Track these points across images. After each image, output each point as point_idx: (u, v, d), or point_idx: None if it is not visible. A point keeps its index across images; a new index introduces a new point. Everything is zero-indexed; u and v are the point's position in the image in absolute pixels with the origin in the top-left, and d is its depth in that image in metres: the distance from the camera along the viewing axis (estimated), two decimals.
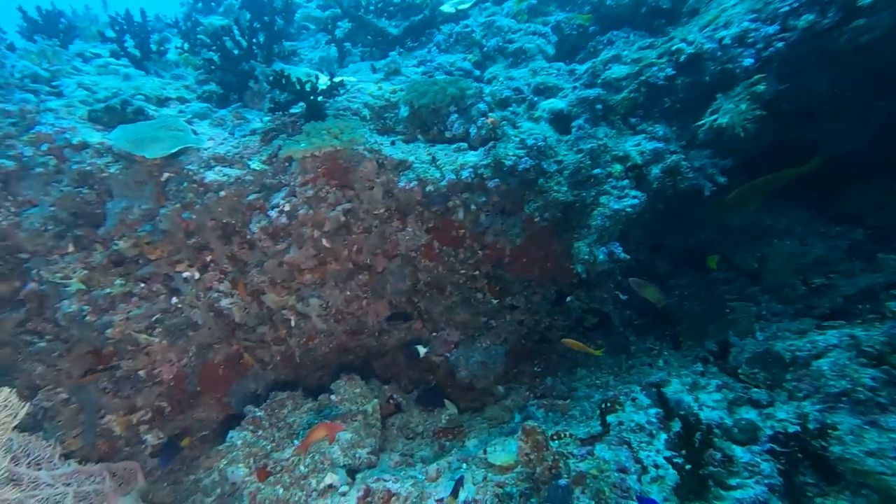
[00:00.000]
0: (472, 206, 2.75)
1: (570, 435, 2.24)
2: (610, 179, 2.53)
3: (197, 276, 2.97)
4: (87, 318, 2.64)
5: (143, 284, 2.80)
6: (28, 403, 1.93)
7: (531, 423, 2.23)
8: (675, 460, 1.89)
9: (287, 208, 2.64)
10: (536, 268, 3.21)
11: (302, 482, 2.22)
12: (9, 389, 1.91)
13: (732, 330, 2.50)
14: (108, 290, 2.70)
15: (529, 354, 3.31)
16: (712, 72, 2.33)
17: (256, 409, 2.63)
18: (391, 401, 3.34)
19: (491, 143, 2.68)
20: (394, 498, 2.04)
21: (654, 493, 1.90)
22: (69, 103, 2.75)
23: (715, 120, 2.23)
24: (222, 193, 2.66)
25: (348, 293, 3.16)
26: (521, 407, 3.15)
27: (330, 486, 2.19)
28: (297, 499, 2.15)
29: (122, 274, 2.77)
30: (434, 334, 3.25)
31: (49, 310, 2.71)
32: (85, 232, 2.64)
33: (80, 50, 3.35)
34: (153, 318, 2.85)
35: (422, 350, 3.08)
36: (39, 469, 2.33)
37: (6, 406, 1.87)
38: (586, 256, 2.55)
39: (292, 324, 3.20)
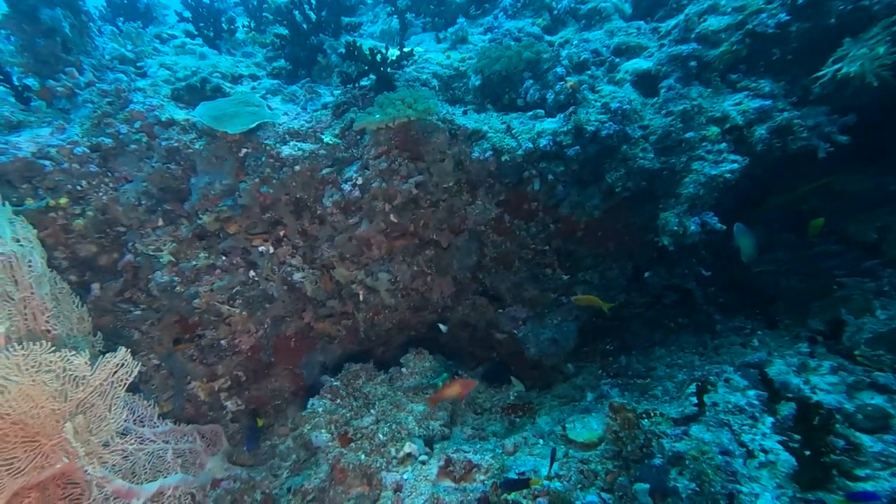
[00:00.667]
0: (549, 177, 2.62)
1: (661, 414, 2.12)
2: (704, 143, 2.32)
3: (271, 250, 3.06)
4: (178, 288, 2.78)
5: (224, 257, 2.92)
6: (138, 364, 2.08)
7: (619, 401, 2.13)
8: (790, 445, 1.74)
9: (360, 182, 2.63)
10: (612, 242, 3.05)
11: (382, 449, 2.25)
12: (125, 349, 2.05)
13: (845, 308, 2.25)
14: (193, 263, 2.83)
15: (602, 332, 3.18)
16: (840, 12, 2.03)
17: (333, 379, 2.69)
18: (456, 377, 3.33)
19: (570, 109, 2.53)
20: (475, 469, 2.02)
21: (763, 478, 1.76)
22: (154, 83, 2.86)
23: (839, 69, 1.95)
24: (297, 168, 2.70)
25: (415, 268, 3.15)
26: (593, 385, 3.04)
27: (409, 454, 2.20)
28: (378, 465, 2.19)
29: (205, 247, 2.89)
30: (500, 311, 3.19)
31: (142, 280, 2.88)
32: (172, 206, 2.77)
33: (158, 31, 3.48)
34: (234, 290, 2.97)
35: (443, 328, 3.19)
36: (143, 426, 2.51)
37: (124, 364, 2.00)
38: (675, 228, 2.37)
39: (360, 298, 3.24)
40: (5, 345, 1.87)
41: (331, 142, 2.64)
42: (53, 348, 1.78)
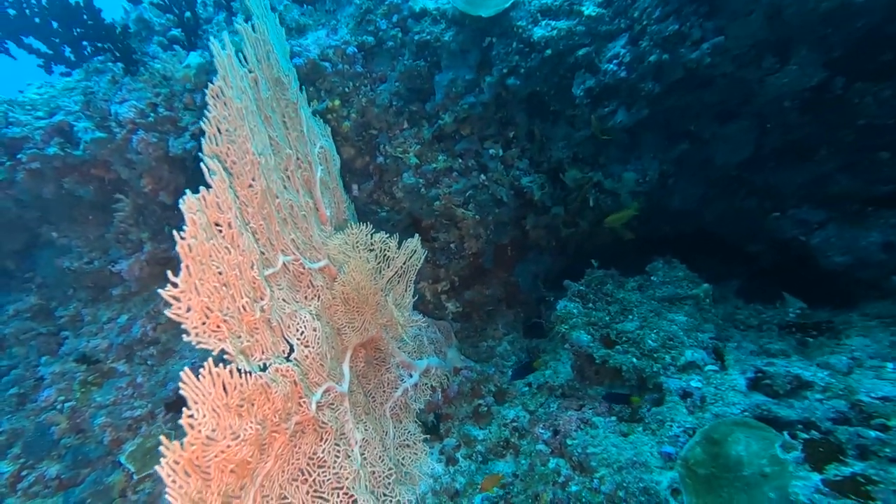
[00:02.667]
0: None
1: None
2: None
3: (500, 152, 2.97)
4: (422, 190, 2.91)
5: (460, 160, 2.94)
6: (425, 251, 2.25)
7: None
8: None
9: (627, 59, 2.27)
10: None
11: (655, 355, 2.11)
12: (418, 237, 2.21)
13: None
14: (433, 165, 2.91)
15: None
16: None
17: (577, 284, 2.60)
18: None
19: None
20: (805, 386, 1.74)
21: None
22: None
23: None
24: (548, 53, 2.44)
25: (664, 166, 2.75)
26: None
27: (691, 363, 2.02)
28: (654, 369, 2.06)
29: (443, 150, 2.94)
30: (775, 214, 2.64)
31: (386, 183, 3.09)
32: (416, 108, 2.82)
33: None
34: (467, 194, 3.01)
35: None
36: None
37: (415, 251, 2.18)
38: None
39: (591, 204, 3.02)
40: (327, 223, 2.15)
41: (593, 13, 2.29)
42: (373, 230, 1.99)
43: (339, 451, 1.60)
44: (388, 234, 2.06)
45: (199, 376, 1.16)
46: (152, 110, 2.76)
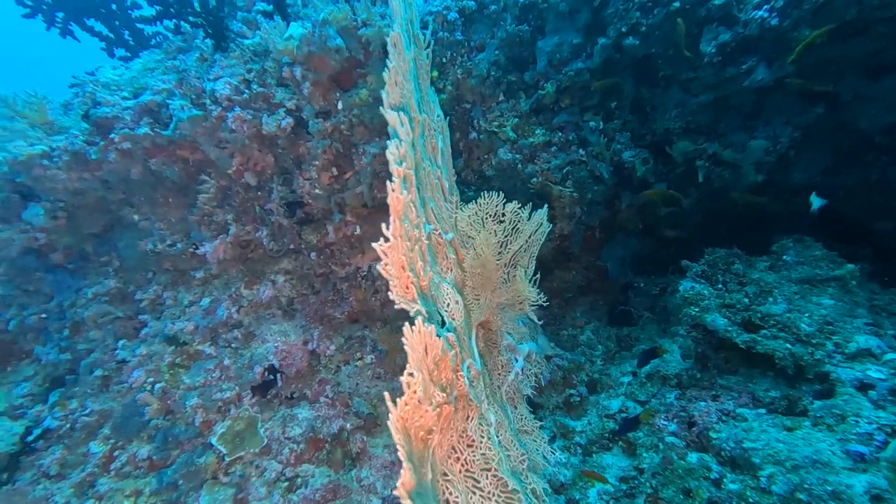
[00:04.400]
0: None
1: None
2: None
3: (601, 125, 2.78)
4: (519, 166, 2.75)
5: (559, 133, 2.76)
6: (551, 226, 2.10)
7: None
8: None
9: (780, 4, 2.03)
10: None
11: (813, 342, 1.88)
12: (546, 207, 2.07)
13: None
14: (531, 140, 2.74)
15: None
16: None
17: (697, 264, 2.38)
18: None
19: None
20: None
21: None
22: None
23: None
24: (675, 6, 2.23)
25: (795, 134, 2.49)
26: None
27: (864, 350, 1.78)
28: (815, 357, 1.83)
29: (541, 123, 2.77)
30: None
31: (475, 160, 2.95)
32: (515, 78, 2.67)
33: None
34: (564, 170, 2.83)
35: (817, 202, 2.30)
36: None
37: (541, 224, 2.03)
38: None
39: (700, 178, 2.78)
40: (448, 190, 2.02)
41: None
42: (505, 200, 1.85)
43: (482, 431, 1.46)
44: (519, 205, 1.91)
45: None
46: (246, 87, 2.70)
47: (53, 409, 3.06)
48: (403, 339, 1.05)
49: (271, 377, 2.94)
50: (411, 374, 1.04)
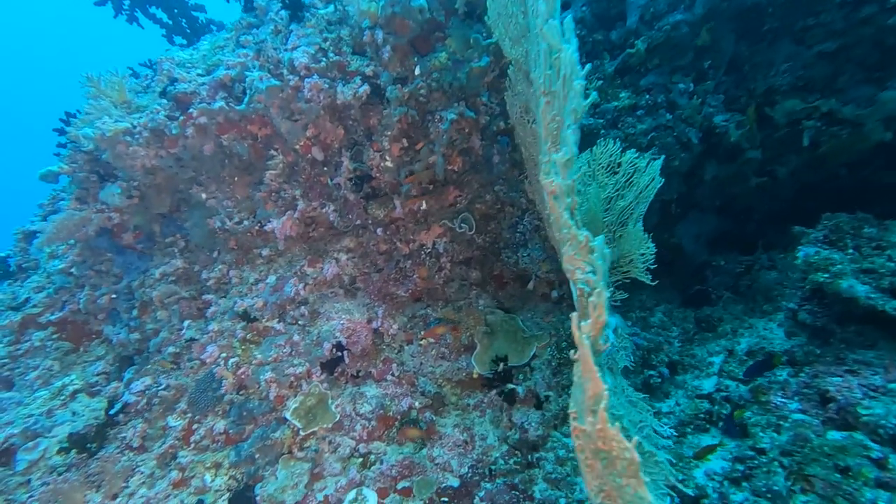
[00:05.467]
0: None
1: None
2: None
3: (692, 87, 2.60)
4: (602, 132, 2.61)
5: (647, 96, 2.60)
6: (662, 180, 1.97)
7: None
8: None
9: None
10: None
11: None
12: (659, 162, 1.93)
13: None
14: (614, 104, 2.60)
15: None
16: None
17: (812, 231, 2.16)
18: None
19: None
20: None
21: None
22: None
23: None
24: None
25: None
26: None
27: None
28: None
29: (626, 85, 2.62)
30: None
31: None
32: (602, 37, 2.53)
33: None
34: (650, 136, 2.67)
35: None
36: None
37: (653, 178, 1.89)
38: None
39: (805, 142, 2.56)
40: None
41: None
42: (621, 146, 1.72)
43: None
44: (637, 154, 1.78)
45: None
46: (323, 55, 2.67)
47: (130, 384, 3.10)
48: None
49: (339, 354, 2.89)
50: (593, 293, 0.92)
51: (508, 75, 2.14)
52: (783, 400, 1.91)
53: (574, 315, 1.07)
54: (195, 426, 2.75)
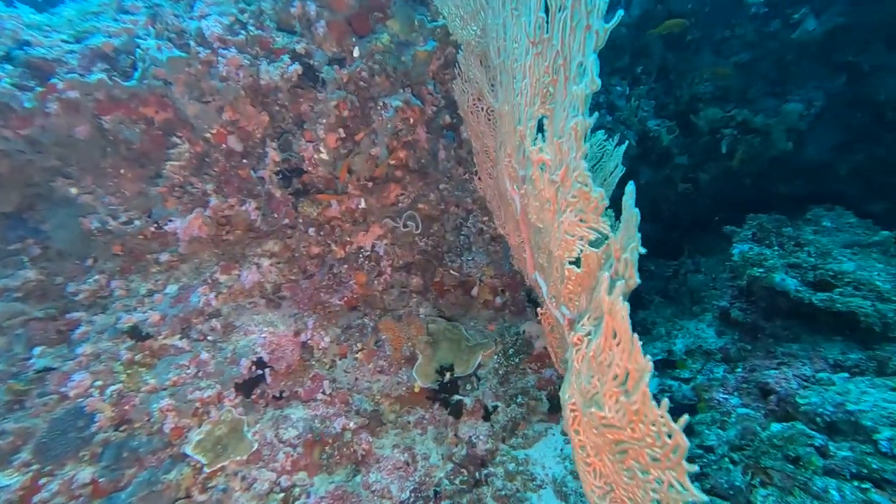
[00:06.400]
0: None
1: None
2: None
3: (628, 90, 2.67)
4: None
5: None
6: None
7: None
8: None
9: None
10: None
11: (894, 298, 1.80)
12: (623, 147, 1.85)
13: None
14: None
15: None
16: None
17: (742, 229, 2.29)
18: None
19: None
20: None
21: None
22: None
23: None
24: None
25: (818, 103, 2.51)
26: None
27: None
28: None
29: None
30: None
31: None
32: None
33: None
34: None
35: None
36: None
37: (617, 166, 1.81)
38: None
39: (723, 150, 2.75)
40: None
41: None
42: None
43: None
44: (606, 136, 1.70)
45: None
46: (241, 28, 2.30)
47: None
48: None
49: (259, 372, 2.46)
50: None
51: (458, 62, 2.00)
52: (725, 396, 1.96)
53: (604, 276, 0.92)
54: (43, 480, 2.12)
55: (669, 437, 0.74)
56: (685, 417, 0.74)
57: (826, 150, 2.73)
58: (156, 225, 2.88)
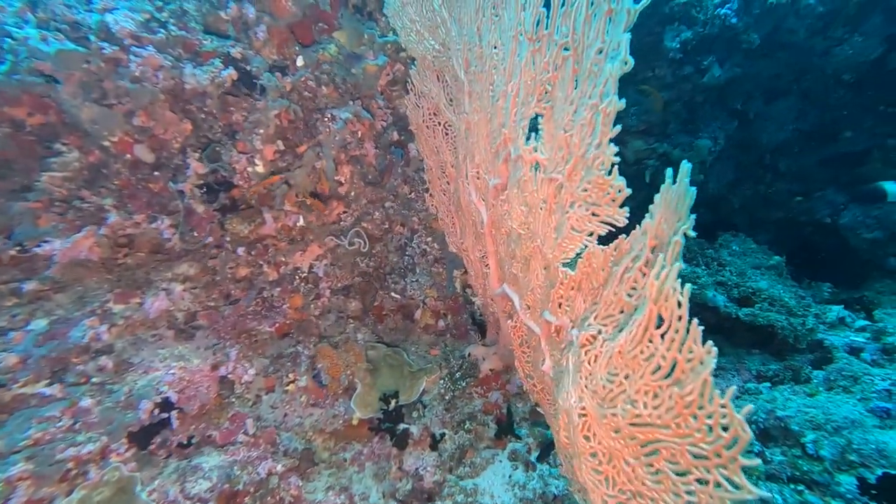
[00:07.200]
0: None
1: None
2: None
3: None
4: None
5: None
6: None
7: None
8: None
9: (736, 6, 2.34)
10: None
11: (799, 312, 2.04)
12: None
13: None
14: None
15: None
16: None
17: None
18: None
19: None
20: None
21: None
22: None
23: None
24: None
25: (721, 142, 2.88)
26: None
27: (841, 319, 1.99)
28: (808, 326, 1.97)
29: None
30: (798, 199, 2.91)
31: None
32: None
33: None
34: None
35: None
36: None
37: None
38: None
39: (646, 179, 3.01)
40: None
41: None
42: None
43: None
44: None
45: None
46: (160, 26, 2.05)
47: None
48: None
49: (164, 416, 2.05)
50: None
51: (410, 77, 1.96)
52: None
53: (661, 256, 0.86)
54: None
55: (725, 430, 0.69)
56: (749, 407, 0.70)
57: (723, 185, 3.15)
58: (18, 247, 2.34)
